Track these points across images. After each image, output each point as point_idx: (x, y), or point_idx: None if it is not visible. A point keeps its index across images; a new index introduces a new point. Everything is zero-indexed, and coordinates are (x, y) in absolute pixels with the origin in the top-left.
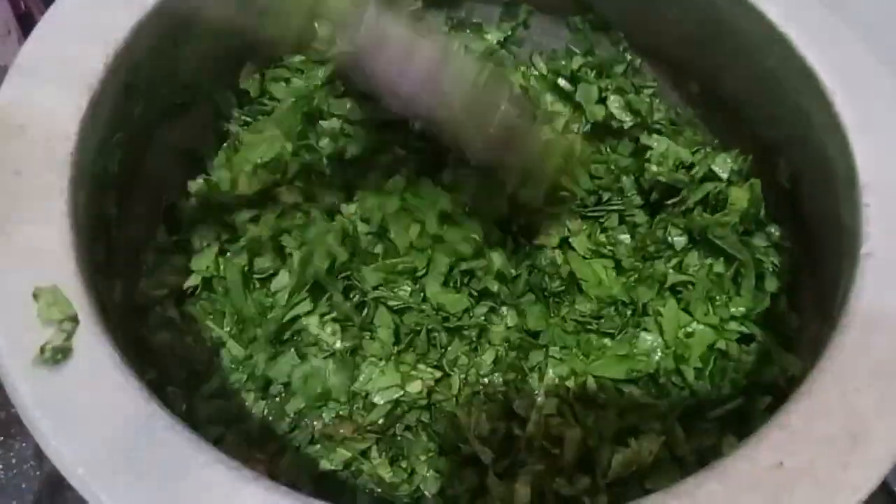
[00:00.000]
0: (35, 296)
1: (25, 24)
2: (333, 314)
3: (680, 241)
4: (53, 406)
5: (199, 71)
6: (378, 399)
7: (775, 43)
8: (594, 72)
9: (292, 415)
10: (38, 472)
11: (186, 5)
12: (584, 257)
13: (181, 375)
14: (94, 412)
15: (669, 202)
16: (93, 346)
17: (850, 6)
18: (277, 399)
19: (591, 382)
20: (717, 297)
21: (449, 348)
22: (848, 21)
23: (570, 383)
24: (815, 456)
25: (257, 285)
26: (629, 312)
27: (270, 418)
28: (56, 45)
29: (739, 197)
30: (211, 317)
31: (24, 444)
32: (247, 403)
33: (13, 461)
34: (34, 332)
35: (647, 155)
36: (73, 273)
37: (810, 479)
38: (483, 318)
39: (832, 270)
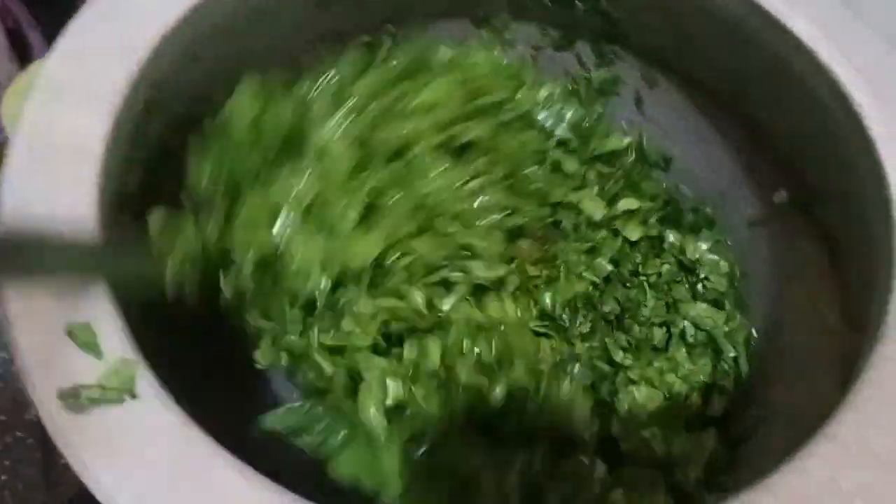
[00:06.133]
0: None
1: (14, 40)
2: None
3: None
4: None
5: (215, 84)
6: None
7: (799, 55)
8: None
9: None
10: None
11: (209, 20)
12: None
13: None
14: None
15: None
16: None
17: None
18: None
19: None
20: None
21: None
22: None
23: None
24: (869, 470)
25: None
26: None
27: None
28: (79, 62)
29: None
30: None
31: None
32: None
33: (20, 487)
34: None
35: None
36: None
37: (867, 494)
38: None
39: (864, 283)
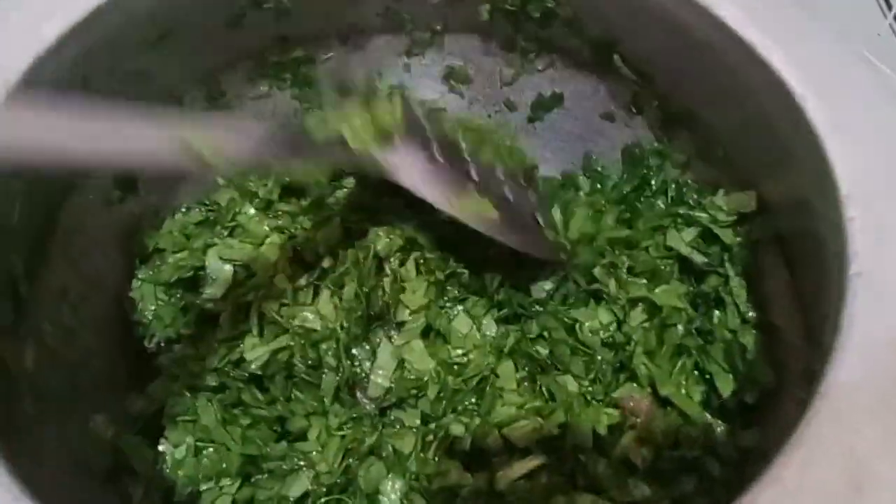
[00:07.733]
0: None
1: None
2: None
3: None
4: None
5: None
6: None
7: (736, 46)
8: None
9: None
10: None
11: (94, 41)
12: None
13: None
14: None
15: None
16: None
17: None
18: None
19: None
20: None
21: None
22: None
23: None
24: None
25: None
26: None
27: None
28: None
29: None
30: None
31: None
32: None
33: None
34: None
35: None
36: None
37: None
38: None
39: (821, 295)
